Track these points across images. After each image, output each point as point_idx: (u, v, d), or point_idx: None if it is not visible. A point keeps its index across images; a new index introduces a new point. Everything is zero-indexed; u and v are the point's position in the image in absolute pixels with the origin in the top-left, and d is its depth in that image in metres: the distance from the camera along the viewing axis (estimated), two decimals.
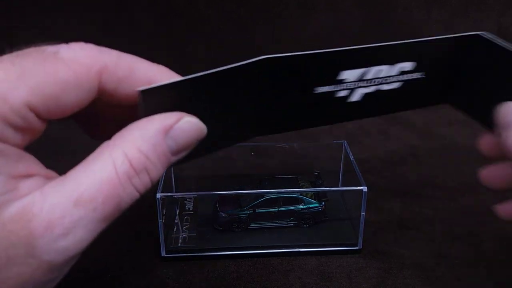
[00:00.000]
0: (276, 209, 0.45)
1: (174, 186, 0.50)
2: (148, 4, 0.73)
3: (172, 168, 0.49)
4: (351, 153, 0.48)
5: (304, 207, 0.46)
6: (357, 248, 0.44)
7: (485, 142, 0.38)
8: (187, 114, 0.28)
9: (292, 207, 0.46)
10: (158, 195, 0.41)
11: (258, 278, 0.41)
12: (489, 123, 0.35)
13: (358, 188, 0.42)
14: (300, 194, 0.46)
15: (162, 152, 0.27)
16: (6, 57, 0.25)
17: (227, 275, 0.41)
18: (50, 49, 0.26)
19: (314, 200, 0.46)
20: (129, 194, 0.27)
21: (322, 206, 0.46)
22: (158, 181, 0.41)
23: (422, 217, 0.49)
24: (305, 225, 0.46)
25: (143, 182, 0.27)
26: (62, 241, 0.25)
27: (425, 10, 0.74)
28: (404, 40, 0.34)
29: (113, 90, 0.28)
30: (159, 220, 0.41)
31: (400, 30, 0.75)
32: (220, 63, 0.61)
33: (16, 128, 0.25)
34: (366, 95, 0.34)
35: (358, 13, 0.74)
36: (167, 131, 0.27)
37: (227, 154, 0.55)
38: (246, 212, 0.45)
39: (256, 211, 0.45)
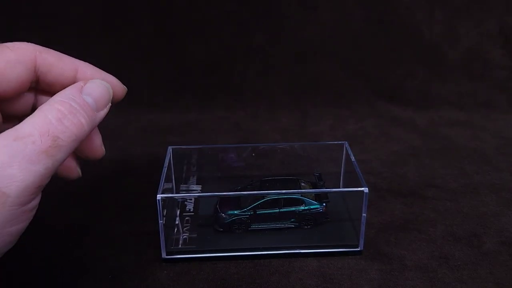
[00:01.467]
0: (277, 210, 0.45)
1: (174, 187, 0.50)
2: (148, 4, 0.73)
3: (172, 170, 0.49)
4: (352, 154, 0.48)
5: (305, 208, 0.45)
6: (358, 249, 0.43)
7: None
8: (94, 80, 0.36)
9: (293, 208, 0.45)
10: (159, 197, 0.41)
11: (259, 280, 0.41)
12: None
13: (359, 189, 0.42)
14: (301, 195, 0.45)
15: (82, 103, 0.34)
16: None
17: (227, 276, 0.41)
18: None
19: (315, 201, 0.46)
20: (65, 132, 0.32)
21: (323, 207, 0.46)
22: (158, 182, 0.41)
23: (424, 218, 0.49)
24: (306, 226, 0.46)
25: (74, 123, 0.33)
26: (8, 169, 0.29)
27: (427, 9, 0.74)
28: None
29: (45, 73, 0.37)
30: (160, 221, 0.41)
31: (402, 30, 0.75)
32: (220, 63, 0.62)
33: None
34: None
35: (359, 12, 0.74)
36: (80, 90, 0.34)
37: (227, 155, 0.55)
38: (246, 213, 0.45)
39: (257, 212, 0.45)
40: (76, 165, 0.40)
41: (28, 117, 0.32)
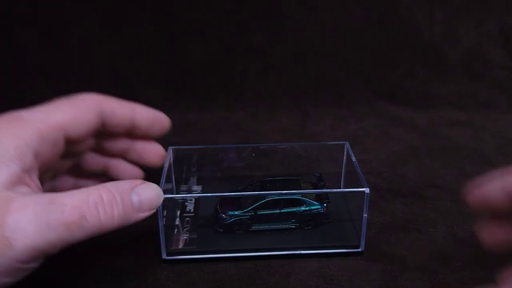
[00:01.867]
0: (278, 211, 0.45)
1: (174, 187, 0.50)
2: (148, 4, 0.73)
3: (173, 170, 0.49)
4: (353, 155, 0.47)
5: (306, 209, 0.45)
6: (359, 250, 0.43)
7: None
8: (150, 182, 0.38)
9: (293, 209, 0.45)
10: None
11: (258, 280, 0.41)
12: None
13: (360, 189, 0.42)
14: (302, 196, 0.45)
15: (127, 200, 0.36)
16: (53, 101, 0.40)
17: (227, 277, 0.41)
18: (72, 96, 0.41)
19: (316, 201, 0.46)
20: (94, 216, 0.34)
21: (324, 208, 0.46)
22: (158, 183, 0.41)
23: (424, 218, 0.49)
24: (306, 227, 0.46)
25: (107, 213, 0.34)
26: (26, 224, 0.31)
27: (427, 9, 0.74)
28: None
29: (109, 117, 0.43)
30: (160, 222, 0.41)
31: (402, 30, 0.75)
32: (220, 63, 0.62)
33: (50, 144, 0.38)
34: None
35: (359, 12, 0.74)
36: (132, 188, 0.37)
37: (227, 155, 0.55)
38: (247, 213, 0.45)
39: (258, 213, 0.45)
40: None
41: (74, 190, 0.34)
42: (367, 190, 0.42)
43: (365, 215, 0.42)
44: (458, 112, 0.74)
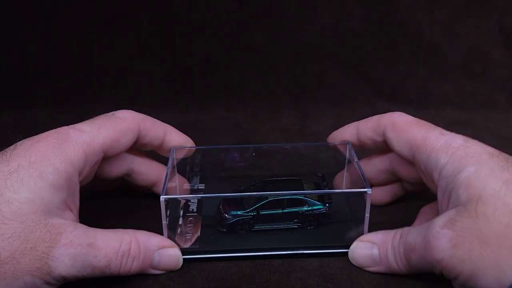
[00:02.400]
0: (280, 211, 0.45)
1: (178, 187, 0.50)
2: (148, 4, 0.73)
3: (176, 170, 0.49)
4: (355, 155, 0.47)
5: (308, 209, 0.45)
6: None
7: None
8: (177, 247, 0.41)
9: (296, 209, 0.45)
10: (162, 198, 0.41)
11: (259, 279, 0.41)
12: None
13: (363, 190, 0.42)
14: (304, 196, 0.45)
15: (149, 257, 0.39)
16: (88, 120, 0.42)
17: (228, 276, 0.41)
18: (110, 113, 0.44)
19: (318, 202, 0.46)
20: (116, 267, 0.37)
21: (326, 208, 0.46)
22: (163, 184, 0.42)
23: None
24: (309, 227, 0.46)
25: (127, 265, 0.38)
26: (67, 261, 0.35)
27: (427, 9, 0.74)
28: None
29: (143, 136, 0.45)
30: (163, 222, 0.41)
31: (402, 29, 0.75)
32: (221, 64, 0.62)
33: (91, 165, 0.40)
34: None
35: (359, 12, 0.74)
36: (160, 248, 0.40)
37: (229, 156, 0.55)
38: (250, 214, 0.45)
39: (260, 213, 0.45)
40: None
41: (111, 232, 0.38)
42: (369, 190, 0.42)
43: (367, 215, 0.42)
44: (458, 112, 0.74)
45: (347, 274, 0.41)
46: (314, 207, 0.45)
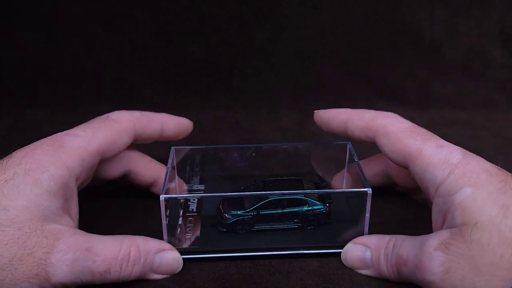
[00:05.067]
0: (280, 211, 0.45)
1: (177, 187, 0.50)
2: (148, 4, 0.73)
3: (176, 170, 0.49)
4: (355, 154, 0.47)
5: (309, 208, 0.45)
6: None
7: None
8: (176, 250, 0.41)
9: (296, 209, 0.45)
10: (162, 197, 0.41)
11: (259, 280, 0.41)
12: None
13: (363, 190, 0.42)
14: (304, 196, 0.45)
15: (149, 261, 0.39)
16: (82, 125, 0.43)
17: (228, 276, 0.41)
18: (104, 116, 0.44)
19: (319, 202, 0.46)
20: (116, 272, 0.37)
21: (326, 208, 0.46)
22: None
23: (424, 217, 0.49)
24: (309, 227, 0.46)
25: (127, 270, 0.37)
26: (65, 267, 0.34)
27: (428, 9, 0.74)
28: None
29: (140, 133, 0.45)
30: (163, 222, 0.41)
31: (402, 29, 0.75)
32: (221, 64, 0.61)
33: (88, 169, 0.41)
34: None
35: (360, 11, 0.74)
36: (159, 251, 0.39)
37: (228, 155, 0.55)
38: (250, 213, 0.45)
39: (260, 212, 0.45)
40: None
41: (110, 238, 0.38)
42: (369, 190, 0.41)
43: (367, 215, 0.42)
44: (458, 112, 0.74)
45: (347, 274, 0.41)
46: (315, 207, 0.45)
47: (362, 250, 0.41)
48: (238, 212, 0.45)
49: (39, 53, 0.75)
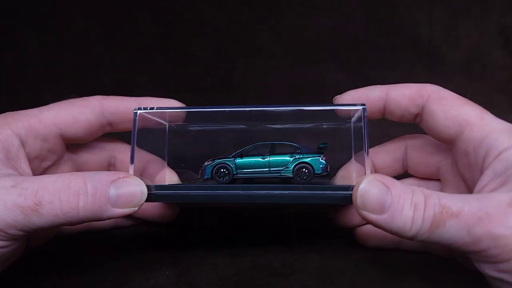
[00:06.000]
0: (268, 158, 0.40)
1: (167, 159, 0.46)
2: (148, 4, 0.73)
3: (166, 146, 0.45)
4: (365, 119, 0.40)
5: (301, 156, 0.39)
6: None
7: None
8: (138, 178, 0.36)
9: (285, 156, 0.39)
10: (136, 110, 0.39)
11: (259, 281, 0.41)
12: None
13: (357, 108, 0.37)
14: (297, 144, 0.40)
15: (101, 191, 0.35)
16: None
17: (227, 277, 0.41)
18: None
19: (314, 153, 0.40)
20: (51, 204, 0.33)
21: (322, 156, 0.40)
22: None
23: None
24: (301, 178, 0.40)
25: (69, 202, 0.34)
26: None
27: (427, 10, 0.74)
28: None
29: (113, 114, 0.43)
30: (132, 139, 0.38)
31: (402, 30, 0.75)
32: (222, 64, 0.60)
33: (43, 139, 0.40)
34: None
35: (360, 13, 0.74)
36: (112, 180, 0.35)
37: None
38: (231, 159, 0.40)
39: (244, 158, 0.40)
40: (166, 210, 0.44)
41: (49, 175, 0.35)
42: (364, 107, 0.37)
43: (366, 136, 0.37)
44: None
45: (348, 275, 0.41)
46: (308, 155, 0.40)
47: (383, 191, 0.34)
48: (219, 161, 0.40)
49: (39, 53, 0.75)
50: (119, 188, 0.35)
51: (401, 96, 0.40)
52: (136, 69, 0.76)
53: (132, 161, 0.38)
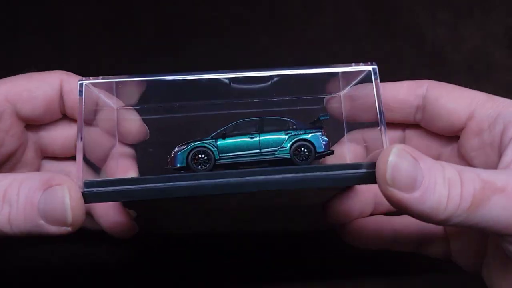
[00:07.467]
0: (258, 137, 0.32)
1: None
2: (149, 4, 0.73)
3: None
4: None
5: (296, 133, 0.32)
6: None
7: None
8: (73, 182, 0.29)
9: (278, 134, 0.32)
10: (80, 82, 0.31)
11: None
12: None
13: (365, 68, 0.31)
14: (292, 119, 0.32)
15: (30, 202, 0.28)
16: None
17: None
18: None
19: (312, 129, 0.33)
20: None
21: (322, 133, 0.33)
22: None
23: None
24: (300, 159, 0.32)
25: (1, 214, 0.28)
26: None
27: (430, 11, 0.74)
28: None
29: (69, 93, 0.37)
30: (78, 121, 0.30)
31: (405, 31, 0.75)
32: (222, 65, 0.60)
33: None
34: None
35: (362, 14, 0.74)
36: (43, 187, 0.28)
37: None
38: (212, 140, 0.31)
39: (227, 139, 0.32)
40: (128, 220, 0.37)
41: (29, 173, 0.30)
42: (373, 66, 0.32)
43: (379, 103, 0.32)
44: None
45: (348, 276, 0.41)
46: (306, 131, 0.32)
47: (414, 165, 0.29)
48: (194, 142, 0.31)
49: (39, 53, 0.75)
50: (46, 199, 0.28)
51: (398, 88, 0.39)
52: (136, 69, 0.76)
53: (79, 152, 0.29)
